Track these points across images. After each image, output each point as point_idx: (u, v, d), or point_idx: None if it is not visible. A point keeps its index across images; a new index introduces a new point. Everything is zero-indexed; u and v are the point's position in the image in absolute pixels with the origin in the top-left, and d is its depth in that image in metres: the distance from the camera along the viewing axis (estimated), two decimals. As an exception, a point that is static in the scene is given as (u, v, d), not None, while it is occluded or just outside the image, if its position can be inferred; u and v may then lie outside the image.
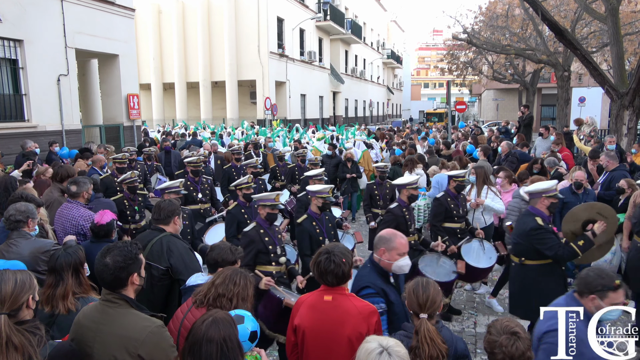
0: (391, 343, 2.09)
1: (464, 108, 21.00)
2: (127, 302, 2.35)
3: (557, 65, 19.38)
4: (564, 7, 20.40)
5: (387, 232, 3.23)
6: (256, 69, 25.69)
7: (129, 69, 15.11)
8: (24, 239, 3.61)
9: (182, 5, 26.63)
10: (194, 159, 7.15)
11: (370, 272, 3.19)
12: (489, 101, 41.15)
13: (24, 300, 2.21)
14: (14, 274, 2.25)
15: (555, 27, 11.04)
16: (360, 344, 2.16)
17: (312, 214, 4.90)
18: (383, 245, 3.14)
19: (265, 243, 4.26)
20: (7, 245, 3.56)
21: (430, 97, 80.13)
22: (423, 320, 2.50)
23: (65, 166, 6.53)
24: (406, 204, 5.49)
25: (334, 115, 36.80)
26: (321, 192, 4.86)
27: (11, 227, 3.64)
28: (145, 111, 25.87)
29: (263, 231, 4.31)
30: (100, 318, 2.32)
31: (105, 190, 6.85)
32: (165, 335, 2.34)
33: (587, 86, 27.92)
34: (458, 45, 28.60)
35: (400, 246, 3.13)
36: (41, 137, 11.31)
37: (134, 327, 2.28)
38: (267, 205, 4.39)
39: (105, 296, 2.37)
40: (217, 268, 3.00)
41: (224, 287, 2.62)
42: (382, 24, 52.95)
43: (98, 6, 13.51)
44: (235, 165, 8.80)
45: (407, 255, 3.17)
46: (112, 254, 2.35)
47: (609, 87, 11.22)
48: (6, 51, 10.90)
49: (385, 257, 3.14)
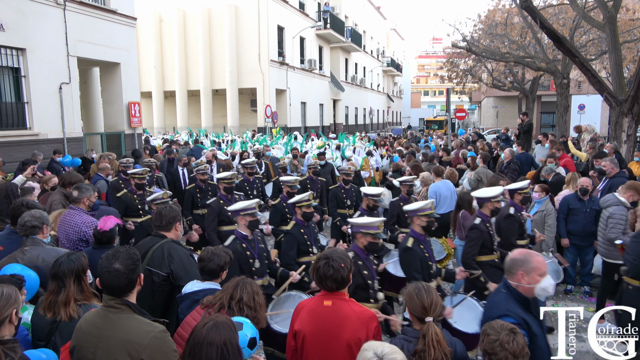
0: (387, 350, 2.09)
1: (463, 115, 21.06)
2: (129, 307, 2.36)
3: (556, 72, 19.46)
4: (563, 15, 20.53)
5: (520, 253, 2.89)
6: (257, 77, 25.82)
7: (130, 77, 15.20)
8: (39, 247, 3.61)
9: (183, 14, 26.81)
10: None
11: (507, 298, 2.84)
12: (488, 108, 41.24)
13: (8, 315, 2.20)
14: (1, 287, 2.25)
15: (553, 35, 11.11)
16: (359, 352, 2.16)
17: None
18: (520, 269, 2.80)
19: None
20: (22, 252, 3.57)
21: (430, 105, 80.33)
22: (430, 324, 2.52)
23: (72, 173, 6.59)
24: (489, 217, 4.92)
25: (334, 123, 36.90)
26: (370, 226, 3.90)
27: (27, 233, 3.64)
28: (147, 119, 25.97)
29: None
30: (103, 324, 2.32)
31: (125, 209, 6.74)
32: (168, 340, 2.35)
33: (587, 93, 28.04)
34: (457, 53, 28.70)
35: (539, 265, 2.80)
36: (43, 145, 11.36)
37: (137, 332, 2.28)
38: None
39: (107, 302, 2.37)
40: (219, 274, 3.04)
41: (247, 295, 2.70)
42: (382, 32, 53.23)
43: (100, 15, 13.62)
44: (248, 179, 8.37)
45: (548, 274, 2.87)
46: (120, 259, 2.36)
47: (608, 95, 11.26)
48: (9, 59, 10.98)
49: (524, 281, 2.79)
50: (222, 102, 27.12)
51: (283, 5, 27.38)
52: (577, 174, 7.15)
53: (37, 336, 2.85)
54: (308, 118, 31.77)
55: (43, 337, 2.80)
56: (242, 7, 25.54)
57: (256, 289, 2.77)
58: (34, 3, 11.42)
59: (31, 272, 3.10)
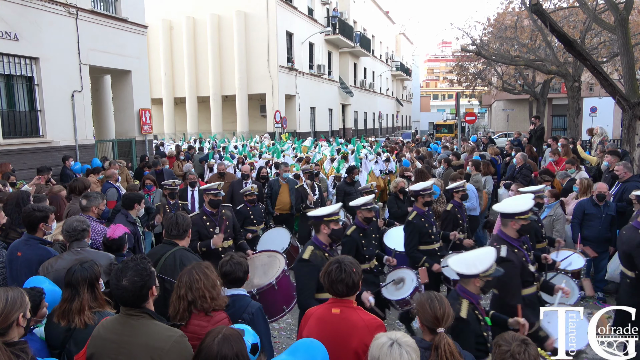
0: (399, 335, 2.19)
1: (473, 119, 20.99)
2: (148, 314, 2.40)
3: (567, 75, 19.29)
4: (573, 17, 20.34)
5: None
6: (266, 83, 25.95)
7: (141, 84, 15.35)
8: (87, 251, 3.72)
9: (193, 22, 27.06)
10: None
11: None
12: (499, 112, 40.98)
13: (15, 319, 2.24)
14: (6, 291, 2.29)
15: (564, 38, 11.01)
16: (372, 342, 2.23)
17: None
18: None
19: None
20: (73, 254, 3.66)
21: (439, 109, 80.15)
22: (442, 335, 2.49)
23: (80, 179, 6.67)
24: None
25: (344, 128, 36.93)
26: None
27: (77, 237, 3.73)
28: (157, 125, 26.21)
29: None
30: (124, 330, 2.35)
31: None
32: (188, 344, 2.38)
33: (599, 96, 27.72)
34: (467, 57, 28.59)
35: None
36: (55, 152, 11.51)
37: (159, 337, 2.32)
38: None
39: (126, 311, 2.40)
40: (244, 281, 3.12)
41: (191, 293, 2.73)
42: (391, 37, 53.26)
43: (111, 24, 13.80)
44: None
45: None
46: (128, 275, 2.36)
47: (620, 98, 11.13)
48: (22, 69, 11.16)
49: None
50: (232, 108, 27.29)
51: (292, 11, 27.53)
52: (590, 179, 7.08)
53: (51, 344, 2.88)
54: (317, 123, 31.83)
55: (57, 345, 2.84)
56: (251, 14, 25.71)
57: (196, 276, 2.77)
58: (47, 13, 11.60)
59: (55, 286, 3.16)
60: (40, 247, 3.96)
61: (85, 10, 12.75)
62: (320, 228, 3.93)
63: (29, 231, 4.01)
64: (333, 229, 3.88)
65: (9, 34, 10.62)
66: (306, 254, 3.78)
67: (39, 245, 3.96)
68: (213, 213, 5.46)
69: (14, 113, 11.15)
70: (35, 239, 3.97)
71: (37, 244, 3.96)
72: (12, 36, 10.67)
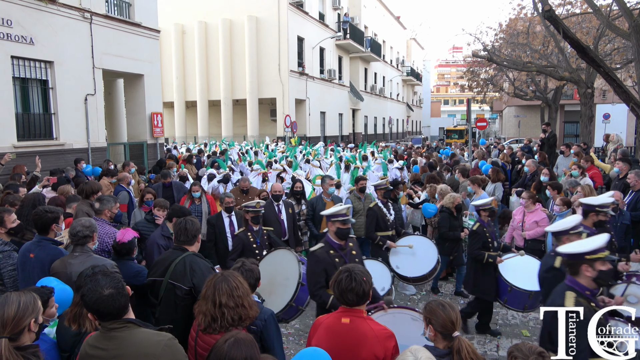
0: (421, 354, 2.23)
1: (484, 125, 20.78)
2: (133, 323, 2.35)
3: (579, 82, 19.09)
4: (586, 24, 20.15)
5: None
6: (276, 87, 26.05)
7: (153, 88, 15.50)
8: (87, 255, 3.71)
9: (205, 26, 27.27)
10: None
11: None
12: (510, 118, 40.69)
13: (26, 324, 2.23)
14: (18, 296, 2.29)
15: (577, 44, 10.92)
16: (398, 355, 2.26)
17: None
18: None
19: None
20: (72, 257, 3.69)
21: (450, 114, 79.76)
22: (460, 338, 2.49)
23: (90, 182, 6.71)
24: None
25: (354, 133, 36.91)
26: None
27: (80, 242, 3.75)
28: (168, 129, 26.44)
29: None
30: (111, 344, 2.28)
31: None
32: (179, 347, 2.35)
33: (612, 102, 27.44)
34: (478, 62, 28.48)
35: None
36: (68, 154, 11.64)
37: (148, 343, 2.28)
38: None
39: (108, 326, 2.30)
40: (256, 287, 3.12)
41: (233, 300, 2.65)
42: (402, 42, 53.23)
43: (125, 28, 13.97)
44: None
45: None
46: (108, 284, 2.27)
47: (634, 105, 11.00)
48: (37, 72, 11.32)
49: None
50: (243, 112, 27.41)
51: (303, 16, 27.64)
52: None
53: (61, 347, 2.90)
54: (327, 128, 31.87)
55: (67, 349, 2.85)
56: (262, 19, 25.87)
57: (234, 284, 2.69)
58: (62, 17, 11.77)
59: (66, 286, 3.16)
60: (52, 247, 4.00)
61: (100, 15, 12.91)
62: (328, 226, 4.18)
63: (41, 232, 4.06)
64: (338, 227, 4.05)
65: (25, 37, 10.78)
66: (314, 247, 4.14)
67: (51, 245, 4.01)
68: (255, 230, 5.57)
69: (28, 116, 11.31)
70: (47, 240, 4.02)
71: (49, 244, 4.00)
72: (27, 40, 10.84)
